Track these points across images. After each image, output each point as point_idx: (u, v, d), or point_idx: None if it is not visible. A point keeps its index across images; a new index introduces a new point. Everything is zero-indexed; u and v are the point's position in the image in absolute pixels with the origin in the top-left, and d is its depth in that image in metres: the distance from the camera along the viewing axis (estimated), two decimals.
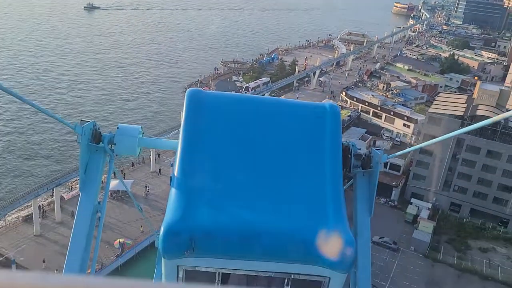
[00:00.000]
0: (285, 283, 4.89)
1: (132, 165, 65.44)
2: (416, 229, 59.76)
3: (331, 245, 4.57)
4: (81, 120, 5.61)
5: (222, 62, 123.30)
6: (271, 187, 5.13)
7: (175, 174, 5.11)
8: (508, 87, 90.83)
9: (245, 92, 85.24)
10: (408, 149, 6.78)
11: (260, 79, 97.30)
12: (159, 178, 62.88)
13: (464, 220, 65.59)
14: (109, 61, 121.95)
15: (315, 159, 5.39)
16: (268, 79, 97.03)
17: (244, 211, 4.84)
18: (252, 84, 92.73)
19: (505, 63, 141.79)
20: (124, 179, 58.08)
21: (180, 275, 4.82)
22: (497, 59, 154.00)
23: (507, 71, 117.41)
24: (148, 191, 59.59)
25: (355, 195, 5.91)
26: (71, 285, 0.90)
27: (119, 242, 48.77)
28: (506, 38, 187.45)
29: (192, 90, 5.89)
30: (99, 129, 5.84)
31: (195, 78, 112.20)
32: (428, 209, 64.19)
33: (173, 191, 4.97)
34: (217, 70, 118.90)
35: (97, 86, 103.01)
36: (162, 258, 4.79)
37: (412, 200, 66.67)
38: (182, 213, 4.63)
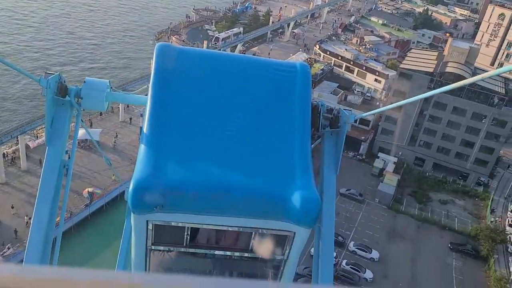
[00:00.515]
0: (252, 237, 5.05)
1: (101, 114, 63.96)
2: (382, 182, 61.89)
3: (297, 201, 4.69)
4: (46, 73, 5.43)
5: (194, 9, 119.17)
6: (240, 144, 5.17)
7: (145, 129, 5.06)
8: (478, 45, 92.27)
9: (215, 43, 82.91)
10: (375, 111, 6.95)
11: (231, 30, 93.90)
12: (128, 128, 61.94)
13: (427, 174, 68.25)
14: (77, 3, 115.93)
15: (284, 118, 5.43)
16: (240, 29, 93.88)
17: (213, 167, 4.88)
18: (222, 35, 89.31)
19: (477, 21, 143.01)
20: (92, 128, 56.94)
21: (150, 230, 4.87)
22: (469, 16, 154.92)
23: (478, 29, 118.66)
24: (115, 142, 58.65)
25: (322, 154, 6.01)
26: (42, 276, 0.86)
27: (88, 191, 48.46)
28: None
29: (162, 45, 5.73)
30: (65, 82, 5.69)
31: (165, 25, 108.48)
32: (394, 163, 66.28)
33: (142, 146, 4.93)
34: (189, 18, 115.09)
35: (64, 30, 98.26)
36: (131, 213, 4.78)
37: (379, 154, 68.54)
38: (152, 168, 4.62)
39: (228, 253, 5.27)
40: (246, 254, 5.25)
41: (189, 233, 4.98)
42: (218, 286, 0.86)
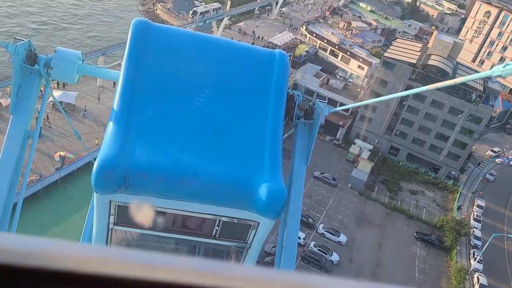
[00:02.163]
0: (216, 224, 5.03)
1: None
2: (356, 168, 62.67)
3: (263, 193, 4.67)
4: (15, 38, 5.21)
5: None
6: (211, 130, 5.07)
7: (114, 107, 4.89)
8: (462, 40, 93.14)
9: (193, 17, 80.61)
10: (349, 105, 7.00)
11: (211, 4, 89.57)
12: (105, 93, 60.47)
13: (401, 163, 69.44)
14: None
15: (258, 106, 5.35)
16: (220, 5, 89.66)
17: (181, 152, 4.78)
18: (200, 9, 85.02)
19: (463, 16, 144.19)
20: (68, 91, 55.37)
21: (112, 210, 4.80)
22: (456, 10, 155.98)
23: (463, 24, 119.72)
24: (85, 110, 56.52)
25: (294, 144, 5.99)
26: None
27: (60, 155, 47.38)
28: None
29: (139, 21, 5.49)
30: (34, 50, 5.46)
31: None
32: (369, 150, 67.11)
33: (111, 125, 4.78)
34: None
35: None
36: (94, 192, 4.68)
37: (356, 140, 69.21)
38: (118, 149, 4.51)
39: (191, 237, 5.23)
40: (209, 240, 5.24)
41: (152, 215, 4.91)
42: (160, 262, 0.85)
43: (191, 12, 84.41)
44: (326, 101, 6.06)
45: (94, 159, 4.65)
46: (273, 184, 4.75)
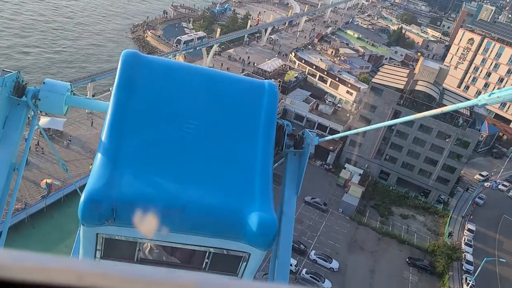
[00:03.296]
0: (206, 256, 4.95)
1: None
2: (346, 192, 62.51)
3: (254, 224, 4.61)
4: (3, 70, 5.17)
5: (172, 6, 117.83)
6: (201, 161, 5.03)
7: (103, 138, 4.87)
8: (447, 66, 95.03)
9: (176, 45, 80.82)
10: (338, 135, 6.98)
11: (195, 33, 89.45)
12: (95, 120, 60.10)
13: (391, 188, 69.50)
14: None
15: (248, 136, 5.37)
16: (204, 34, 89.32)
17: (170, 182, 4.72)
18: (184, 37, 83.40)
19: (447, 43, 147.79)
20: (56, 117, 54.89)
21: (99, 243, 4.67)
22: (440, 38, 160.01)
23: (448, 51, 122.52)
24: (70, 140, 55.44)
25: (284, 174, 5.98)
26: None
27: (46, 182, 46.54)
28: (451, 19, 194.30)
29: (128, 52, 5.53)
30: (23, 81, 5.44)
31: (141, 19, 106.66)
32: (360, 174, 67.14)
33: (99, 155, 4.75)
34: (166, 14, 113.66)
35: (37, 14, 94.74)
36: (81, 225, 4.54)
37: (346, 165, 69.30)
38: (106, 181, 4.45)
39: (181, 270, 5.06)
40: (199, 273, 5.09)
41: (140, 248, 4.82)
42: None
43: (175, 40, 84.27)
44: (316, 126, 6.01)
45: (80, 188, 4.46)
46: (264, 215, 4.70)
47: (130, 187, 4.53)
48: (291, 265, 43.52)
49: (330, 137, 6.95)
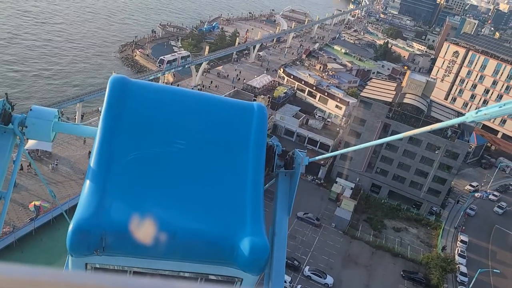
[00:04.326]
0: (198, 281, 4.89)
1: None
2: (339, 207, 62.35)
3: (245, 248, 4.57)
4: None
5: (160, 25, 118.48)
6: (190, 186, 4.97)
7: (91, 165, 4.79)
8: (434, 79, 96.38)
9: (159, 65, 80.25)
10: (328, 154, 6.97)
11: (179, 52, 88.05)
12: (83, 139, 59.58)
13: (383, 200, 69.53)
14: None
15: (238, 159, 5.34)
16: (188, 53, 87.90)
17: (159, 209, 4.64)
18: (168, 57, 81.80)
19: (433, 56, 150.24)
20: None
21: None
22: (426, 51, 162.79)
23: (434, 64, 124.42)
24: (57, 163, 54.63)
25: (275, 195, 5.93)
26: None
27: (35, 204, 45.74)
28: (435, 33, 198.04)
29: (116, 78, 5.49)
30: (9, 109, 5.36)
31: (130, 38, 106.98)
32: (351, 188, 67.13)
33: (87, 183, 4.67)
34: (155, 33, 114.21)
35: (25, 42, 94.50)
36: (69, 255, 4.45)
37: (338, 179, 69.32)
38: (94, 209, 4.36)
39: None
40: None
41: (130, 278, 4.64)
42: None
43: (158, 60, 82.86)
44: (307, 140, 5.96)
45: (69, 209, 4.28)
46: (255, 239, 4.62)
47: (119, 215, 4.43)
48: (285, 281, 42.89)
49: (320, 157, 6.93)
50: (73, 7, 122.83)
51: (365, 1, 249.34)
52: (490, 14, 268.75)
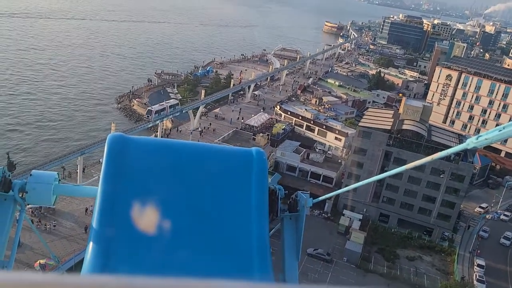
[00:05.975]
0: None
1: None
2: (349, 240, 61.10)
3: None
4: None
5: (156, 73, 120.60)
6: (195, 239, 4.87)
7: (94, 225, 4.71)
8: (430, 103, 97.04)
9: (148, 116, 79.98)
10: (333, 193, 6.80)
11: (167, 101, 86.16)
12: None
13: (392, 230, 68.20)
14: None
15: (241, 206, 5.24)
16: (177, 101, 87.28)
17: (164, 267, 4.52)
18: (156, 107, 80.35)
19: (426, 82, 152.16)
20: None
21: None
22: (418, 77, 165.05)
23: (428, 89, 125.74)
24: (55, 225, 52.98)
25: (282, 240, 5.80)
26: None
27: (40, 263, 44.85)
28: (426, 59, 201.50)
29: (114, 136, 5.45)
30: (9, 176, 5.29)
31: (127, 89, 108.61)
32: (359, 220, 66.03)
33: (90, 245, 4.53)
34: (151, 82, 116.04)
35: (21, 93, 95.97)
36: None
37: (344, 211, 68.33)
38: (100, 271, 4.31)
39: None
40: None
41: None
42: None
43: (146, 111, 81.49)
44: (309, 175, 5.71)
45: (72, 267, 3.97)
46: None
47: (124, 275, 4.16)
48: None
49: (324, 197, 6.79)
50: (68, 65, 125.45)
51: (353, 34, 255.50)
52: (477, 36, 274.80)
